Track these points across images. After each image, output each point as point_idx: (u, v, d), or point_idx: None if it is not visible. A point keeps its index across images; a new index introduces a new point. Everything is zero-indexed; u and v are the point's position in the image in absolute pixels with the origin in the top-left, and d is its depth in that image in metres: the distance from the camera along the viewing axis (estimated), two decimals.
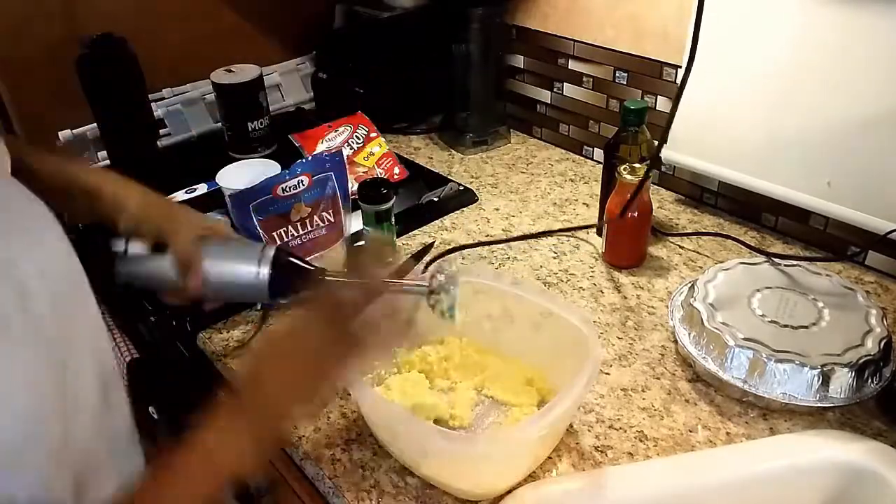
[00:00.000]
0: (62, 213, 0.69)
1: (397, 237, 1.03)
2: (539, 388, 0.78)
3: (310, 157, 0.91)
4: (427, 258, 0.99)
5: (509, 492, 0.66)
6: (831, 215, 0.94)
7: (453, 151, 1.34)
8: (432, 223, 1.10)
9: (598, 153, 1.26)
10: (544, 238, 1.06)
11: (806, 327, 0.77)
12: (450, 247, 1.03)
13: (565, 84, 1.27)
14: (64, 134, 1.24)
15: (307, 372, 0.57)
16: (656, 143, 0.88)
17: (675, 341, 0.83)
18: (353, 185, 1.01)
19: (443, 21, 1.29)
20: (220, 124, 1.33)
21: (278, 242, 0.88)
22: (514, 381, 0.79)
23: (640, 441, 0.73)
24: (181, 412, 1.04)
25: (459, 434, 0.74)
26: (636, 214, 0.93)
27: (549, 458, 0.71)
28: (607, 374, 0.81)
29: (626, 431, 0.74)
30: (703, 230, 1.06)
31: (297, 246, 0.90)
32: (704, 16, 0.77)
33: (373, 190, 0.96)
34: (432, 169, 1.26)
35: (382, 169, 1.19)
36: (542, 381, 0.78)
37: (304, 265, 0.72)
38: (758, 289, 0.83)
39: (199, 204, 1.10)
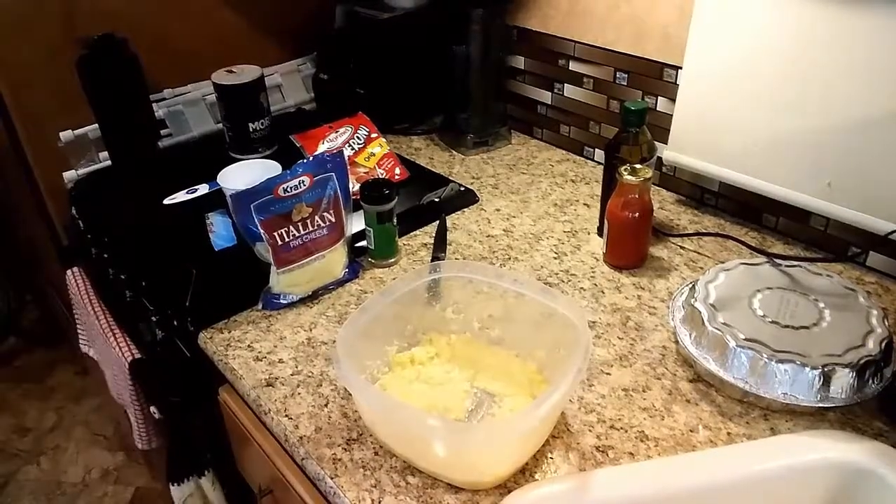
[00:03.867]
0: None
1: (399, 237, 1.03)
2: (534, 379, 0.78)
3: (311, 158, 0.91)
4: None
5: (509, 489, 0.67)
6: (832, 216, 0.94)
7: (454, 152, 1.34)
8: (433, 223, 1.10)
9: (599, 154, 1.27)
10: (545, 238, 1.06)
11: (807, 328, 0.77)
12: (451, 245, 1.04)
13: (566, 85, 1.27)
14: (64, 134, 1.24)
15: None
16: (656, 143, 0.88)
17: (676, 342, 0.83)
18: (354, 186, 1.01)
19: (443, 22, 1.29)
20: (220, 125, 1.33)
21: (279, 242, 0.88)
22: (506, 372, 0.80)
23: (641, 441, 0.73)
24: (182, 412, 1.04)
25: (462, 423, 0.74)
26: (637, 215, 0.93)
27: (550, 458, 0.71)
28: (608, 374, 0.81)
29: (627, 431, 0.74)
30: (704, 231, 1.06)
31: (299, 246, 0.90)
32: (704, 16, 0.77)
33: (375, 190, 0.96)
34: (433, 170, 1.26)
35: (383, 169, 1.19)
36: (540, 376, 0.78)
37: None
38: (759, 289, 0.83)
39: (199, 204, 1.11)
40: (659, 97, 1.13)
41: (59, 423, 1.93)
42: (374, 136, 1.23)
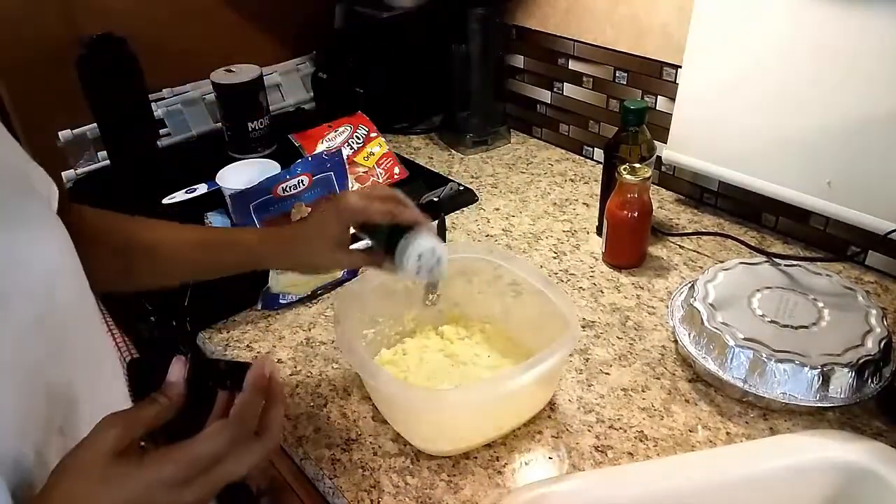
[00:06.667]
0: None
1: None
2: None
3: (310, 157, 0.91)
4: None
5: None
6: (831, 215, 0.94)
7: (453, 151, 1.34)
8: (432, 223, 1.09)
9: (598, 153, 1.26)
10: (544, 237, 1.06)
11: (806, 327, 0.77)
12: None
13: (565, 84, 1.27)
14: (64, 134, 1.24)
15: None
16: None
17: (676, 341, 0.83)
18: (353, 185, 1.01)
19: (443, 21, 1.29)
20: (220, 124, 1.33)
21: None
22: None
23: (641, 441, 0.73)
24: (181, 412, 1.04)
25: (426, 389, 0.77)
26: (636, 214, 0.93)
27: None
28: (607, 374, 0.81)
29: (626, 431, 0.74)
30: (704, 230, 1.06)
31: None
32: (703, 14, 0.77)
33: None
34: (432, 169, 1.26)
35: (382, 169, 1.19)
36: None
37: None
38: (758, 289, 0.83)
39: (198, 204, 1.10)
40: (658, 96, 1.12)
41: None
42: (373, 135, 1.23)
